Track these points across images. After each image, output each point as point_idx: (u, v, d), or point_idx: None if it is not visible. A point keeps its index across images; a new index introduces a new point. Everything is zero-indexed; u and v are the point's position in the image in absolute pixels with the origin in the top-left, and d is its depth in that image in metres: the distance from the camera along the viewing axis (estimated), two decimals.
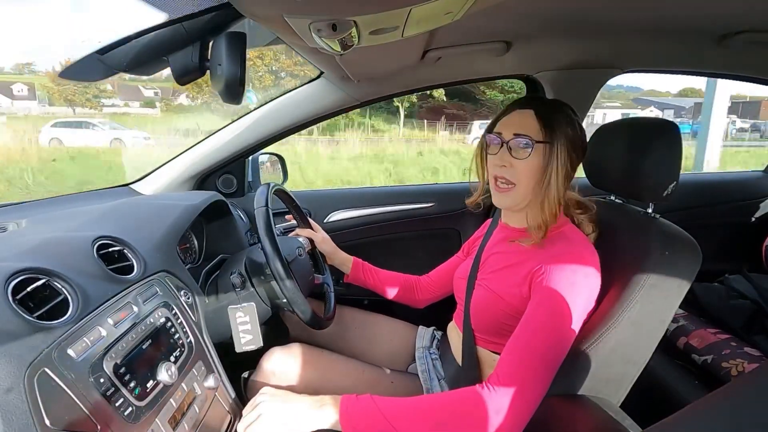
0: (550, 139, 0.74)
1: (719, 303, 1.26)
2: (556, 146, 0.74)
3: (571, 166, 0.77)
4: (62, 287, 0.58)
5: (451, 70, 1.26)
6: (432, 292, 1.11)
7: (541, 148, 0.74)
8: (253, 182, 1.45)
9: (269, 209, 0.87)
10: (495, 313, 0.79)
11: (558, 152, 0.74)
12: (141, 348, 0.62)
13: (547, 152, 0.74)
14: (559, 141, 0.74)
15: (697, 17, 0.92)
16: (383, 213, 1.50)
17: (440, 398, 0.68)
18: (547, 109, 0.76)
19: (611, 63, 1.26)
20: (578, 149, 0.78)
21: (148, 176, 1.30)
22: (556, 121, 0.75)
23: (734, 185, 1.74)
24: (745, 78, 1.38)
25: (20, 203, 1.04)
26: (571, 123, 0.76)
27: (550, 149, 0.74)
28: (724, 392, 0.36)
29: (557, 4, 0.83)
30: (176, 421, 0.63)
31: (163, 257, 0.79)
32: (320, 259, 1.15)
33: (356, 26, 0.54)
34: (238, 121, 1.29)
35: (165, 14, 0.58)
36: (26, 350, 0.48)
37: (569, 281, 0.69)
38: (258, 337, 0.85)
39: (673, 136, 0.77)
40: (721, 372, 1.05)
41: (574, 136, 0.76)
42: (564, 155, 0.74)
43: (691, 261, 0.73)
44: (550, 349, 0.66)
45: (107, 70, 0.57)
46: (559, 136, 0.74)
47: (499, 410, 0.63)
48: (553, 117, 0.75)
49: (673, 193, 0.77)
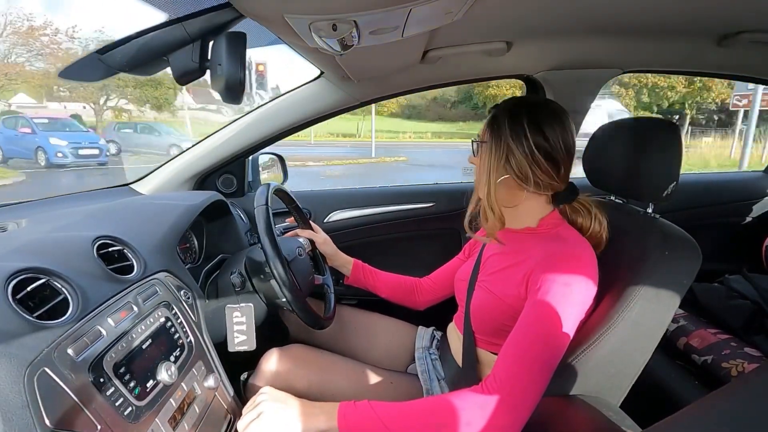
0: (489, 139, 0.77)
1: (719, 303, 1.26)
2: (492, 146, 0.77)
3: (519, 168, 0.75)
4: (62, 287, 0.58)
5: (451, 70, 1.27)
6: (432, 294, 1.11)
7: (483, 147, 0.79)
8: (253, 182, 1.45)
9: (269, 208, 0.87)
10: (495, 314, 0.79)
11: (493, 152, 0.76)
12: (141, 348, 0.62)
13: (487, 151, 0.78)
14: (498, 142, 0.76)
15: (697, 17, 0.92)
16: (383, 213, 1.51)
17: (438, 401, 0.67)
18: (498, 111, 0.79)
19: (611, 63, 1.26)
20: (534, 153, 0.74)
21: (148, 176, 1.31)
22: (499, 124, 0.76)
23: (734, 185, 1.74)
24: (745, 78, 1.38)
25: (20, 203, 1.04)
26: (519, 127, 0.74)
27: (490, 149, 0.77)
28: (724, 392, 0.36)
29: (557, 4, 0.83)
30: (176, 421, 0.63)
31: (163, 257, 0.79)
32: (321, 261, 1.15)
33: (356, 26, 0.54)
34: (238, 121, 1.30)
35: (165, 14, 0.58)
36: (26, 350, 0.48)
37: (565, 281, 0.69)
38: (252, 338, 0.85)
39: (673, 136, 0.77)
40: (721, 372, 1.05)
41: (523, 139, 0.74)
42: (501, 156, 0.75)
43: (691, 261, 0.73)
44: (546, 349, 0.66)
45: (107, 70, 0.57)
46: (498, 138, 0.76)
47: (497, 411, 0.63)
48: (498, 120, 0.77)
49: (673, 193, 0.77)
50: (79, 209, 0.92)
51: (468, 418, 0.63)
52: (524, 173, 0.75)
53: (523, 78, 1.38)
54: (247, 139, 1.29)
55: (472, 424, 0.62)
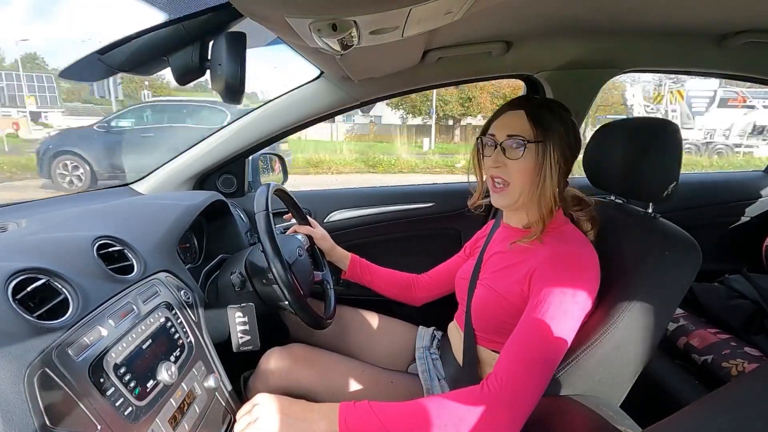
0: (542, 138, 0.75)
1: (719, 303, 1.26)
2: (549, 145, 0.75)
3: (565, 162, 0.78)
4: (62, 287, 0.58)
5: (451, 70, 1.26)
6: (430, 290, 1.11)
7: (533, 147, 0.76)
8: (253, 182, 1.45)
9: (270, 212, 0.87)
10: (496, 312, 0.79)
11: (551, 150, 0.75)
12: (141, 348, 0.62)
13: (540, 151, 0.76)
14: (551, 140, 0.75)
15: (697, 17, 0.92)
16: (383, 213, 1.50)
17: (438, 399, 0.67)
18: (537, 109, 0.78)
19: (611, 63, 1.26)
20: (571, 146, 0.79)
21: (148, 176, 1.30)
22: (546, 121, 0.76)
23: (734, 185, 1.74)
24: (745, 78, 1.38)
25: (20, 203, 1.04)
26: (562, 121, 0.77)
27: (543, 148, 0.75)
28: (724, 392, 0.36)
29: (557, 4, 0.83)
30: (176, 421, 0.63)
31: (163, 257, 0.79)
32: (319, 256, 1.15)
33: (356, 26, 0.54)
34: (238, 120, 1.30)
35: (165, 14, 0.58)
36: (26, 350, 0.48)
37: (567, 282, 0.69)
38: (256, 338, 0.85)
39: (673, 136, 0.77)
40: (721, 372, 1.05)
41: (566, 133, 0.77)
42: (557, 153, 0.76)
43: (691, 261, 0.73)
44: (547, 348, 0.66)
45: (107, 70, 0.57)
46: (550, 135, 0.75)
47: (498, 409, 0.63)
48: (543, 116, 0.76)
49: (673, 193, 0.77)
50: (79, 209, 0.92)
51: (469, 417, 0.63)
52: (567, 171, 0.79)
53: (523, 78, 1.38)
54: (247, 139, 1.29)
55: (472, 423, 0.62)
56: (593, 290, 0.72)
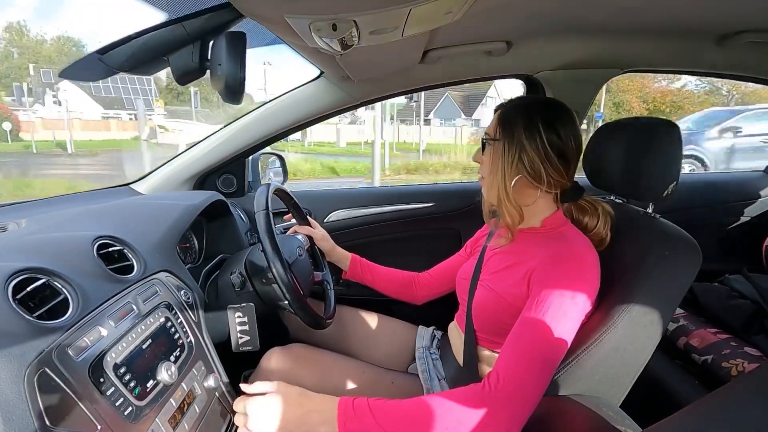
0: (500, 137, 0.78)
1: (719, 303, 1.26)
2: (505, 144, 0.77)
3: (531, 166, 0.75)
4: (62, 287, 0.58)
5: (451, 70, 1.27)
6: (431, 288, 1.11)
7: (494, 145, 0.79)
8: (253, 182, 1.45)
9: (270, 212, 0.87)
10: (496, 312, 0.79)
11: (506, 150, 0.76)
12: (141, 348, 0.62)
13: (499, 150, 0.78)
14: (511, 140, 0.76)
15: (697, 17, 0.92)
16: (383, 213, 1.50)
17: (438, 398, 0.67)
18: (509, 110, 0.79)
19: (611, 63, 1.26)
20: (542, 151, 0.75)
21: (148, 176, 1.30)
22: (511, 122, 0.77)
23: (734, 185, 1.74)
24: (745, 78, 1.38)
25: (20, 203, 1.04)
26: (534, 124, 0.75)
27: (502, 147, 0.77)
28: (724, 392, 0.36)
29: (557, 4, 0.83)
30: (176, 421, 0.63)
31: (163, 257, 0.79)
32: (319, 256, 1.15)
33: (356, 26, 0.54)
34: (238, 120, 1.30)
35: (165, 14, 0.58)
36: (26, 350, 0.48)
37: (567, 282, 0.69)
38: (255, 338, 0.85)
39: (673, 136, 0.77)
40: (721, 372, 1.05)
41: (537, 137, 0.75)
42: (517, 154, 0.76)
43: (691, 261, 0.72)
44: (547, 349, 0.66)
45: (107, 70, 0.57)
46: (513, 136, 0.76)
47: (498, 408, 0.63)
48: (510, 118, 0.78)
49: (673, 193, 0.77)
50: (79, 209, 0.92)
51: (469, 416, 0.63)
52: (537, 171, 0.76)
53: (523, 78, 1.38)
54: (247, 139, 1.29)
55: (472, 422, 0.62)
56: (593, 291, 0.72)
